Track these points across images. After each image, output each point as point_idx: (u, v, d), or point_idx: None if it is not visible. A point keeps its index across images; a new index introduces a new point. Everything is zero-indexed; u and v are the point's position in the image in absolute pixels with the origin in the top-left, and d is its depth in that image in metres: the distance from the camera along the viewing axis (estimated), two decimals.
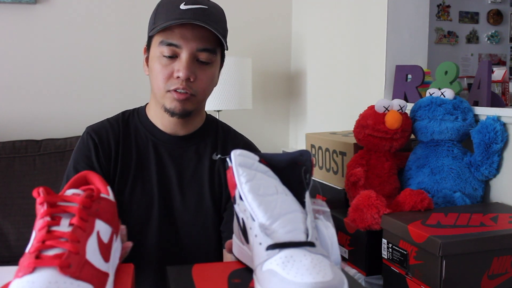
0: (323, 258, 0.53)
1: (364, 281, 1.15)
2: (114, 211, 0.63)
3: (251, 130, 1.67)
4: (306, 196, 0.62)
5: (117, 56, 2.43)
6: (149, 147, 1.10)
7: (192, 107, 1.06)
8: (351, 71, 2.06)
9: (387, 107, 1.25)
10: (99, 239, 0.56)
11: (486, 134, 1.18)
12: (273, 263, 0.53)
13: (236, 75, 2.26)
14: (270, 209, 0.57)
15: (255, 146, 1.20)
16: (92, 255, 0.53)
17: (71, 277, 0.49)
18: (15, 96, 2.30)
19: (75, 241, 0.52)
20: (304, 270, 0.50)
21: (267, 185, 0.60)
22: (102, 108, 2.38)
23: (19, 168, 2.02)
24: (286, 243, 0.54)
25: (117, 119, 1.13)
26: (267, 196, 0.58)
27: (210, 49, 1.03)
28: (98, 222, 0.57)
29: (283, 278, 0.50)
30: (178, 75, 1.01)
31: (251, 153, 0.63)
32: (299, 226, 0.56)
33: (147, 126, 1.12)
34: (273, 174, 0.62)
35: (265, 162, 0.63)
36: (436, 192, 1.20)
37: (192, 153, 1.12)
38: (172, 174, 1.09)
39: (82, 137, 1.10)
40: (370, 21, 1.88)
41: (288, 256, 0.53)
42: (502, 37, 4.45)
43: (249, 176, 0.60)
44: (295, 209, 0.58)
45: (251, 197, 0.59)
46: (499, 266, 0.92)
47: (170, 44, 1.01)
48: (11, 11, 2.26)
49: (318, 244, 0.56)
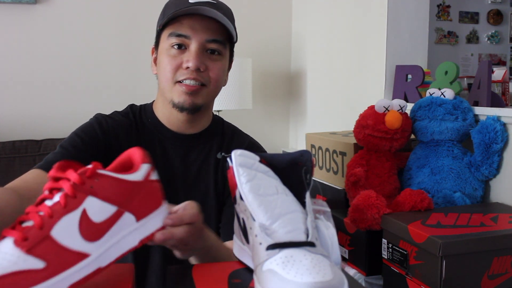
0: (323, 258, 0.53)
1: (364, 281, 1.15)
2: (124, 190, 0.59)
3: (251, 130, 1.66)
4: (307, 196, 0.62)
5: (117, 56, 2.43)
6: (155, 144, 1.09)
7: (202, 101, 1.04)
8: (351, 71, 2.06)
9: (387, 107, 1.25)
10: (84, 217, 0.54)
11: (486, 134, 1.18)
12: (273, 263, 0.53)
13: (236, 75, 2.26)
14: (271, 209, 0.57)
15: (261, 146, 1.19)
16: (63, 232, 0.53)
17: (21, 250, 0.51)
18: (15, 96, 2.30)
19: (47, 216, 0.53)
20: (304, 270, 0.50)
21: (267, 185, 0.60)
22: (102, 108, 2.37)
23: (19, 168, 2.02)
24: (286, 243, 0.54)
25: (126, 112, 1.12)
26: (267, 196, 0.59)
27: (219, 40, 1.02)
28: (90, 199, 0.55)
29: (283, 278, 0.50)
30: (188, 65, 1.00)
31: (251, 153, 0.63)
32: (299, 226, 0.56)
33: (154, 123, 1.11)
34: (273, 174, 0.62)
35: (266, 162, 0.63)
36: (436, 192, 1.20)
37: (199, 153, 1.11)
38: (178, 172, 1.09)
39: (90, 120, 1.07)
40: (370, 21, 1.88)
41: (288, 256, 0.53)
42: (502, 37, 4.45)
43: (249, 176, 0.60)
44: (295, 209, 0.58)
45: (251, 197, 0.59)
46: (499, 266, 0.92)
47: (179, 35, 1.01)
48: (11, 11, 2.26)
49: (318, 244, 0.56)
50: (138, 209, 0.60)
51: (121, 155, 0.66)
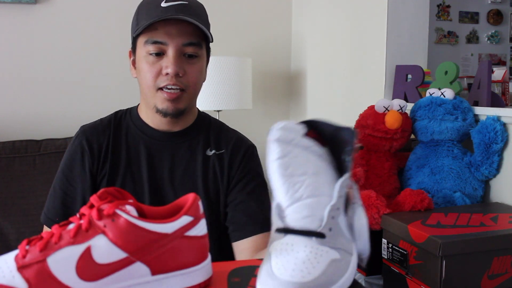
0: (327, 251, 0.52)
1: (364, 281, 1.15)
2: (140, 238, 0.53)
3: (251, 130, 1.67)
4: (339, 180, 0.57)
5: (117, 56, 2.43)
6: (140, 146, 1.11)
7: (184, 105, 1.06)
8: (351, 71, 2.06)
9: (387, 107, 1.25)
10: (86, 254, 0.51)
11: (486, 134, 1.18)
12: (274, 246, 0.53)
13: (236, 75, 2.26)
14: (292, 190, 0.55)
15: (249, 141, 1.20)
16: (59, 262, 0.51)
17: (16, 265, 0.50)
18: (15, 96, 2.29)
19: (54, 240, 0.52)
20: (291, 264, 0.50)
21: (300, 163, 0.55)
22: (102, 108, 2.37)
23: (19, 168, 2.01)
24: (293, 229, 0.53)
25: (110, 119, 1.15)
26: (294, 177, 0.55)
27: (195, 42, 1.04)
28: (99, 238, 0.52)
29: (269, 267, 0.51)
30: (167, 72, 1.02)
31: (296, 125, 0.58)
32: (316, 213, 0.54)
33: (139, 125, 1.13)
34: (317, 149, 0.57)
35: (313, 135, 0.58)
36: (436, 192, 1.20)
37: (185, 149, 1.12)
38: (164, 171, 1.10)
39: (73, 139, 1.13)
40: (370, 21, 1.88)
41: (289, 244, 0.52)
42: (502, 37, 4.45)
43: (282, 152, 0.56)
44: (320, 193, 0.55)
45: (276, 176, 0.56)
46: (499, 266, 0.92)
47: (155, 42, 1.02)
48: (11, 11, 2.26)
49: (332, 235, 0.53)
50: (156, 263, 0.54)
51: (180, 198, 0.60)
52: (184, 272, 0.56)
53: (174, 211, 0.59)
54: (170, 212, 0.59)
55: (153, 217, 0.58)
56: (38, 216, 1.17)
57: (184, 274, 0.56)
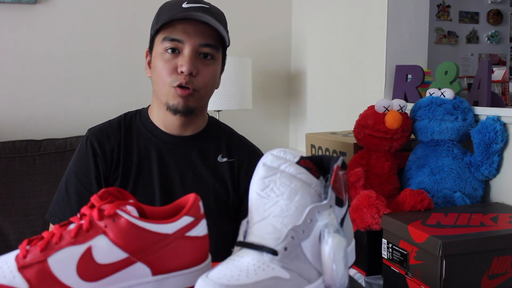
0: (273, 268, 0.50)
1: (364, 281, 1.15)
2: (141, 239, 0.53)
3: (251, 130, 1.67)
4: (314, 204, 0.55)
5: (117, 56, 2.43)
6: (151, 149, 1.10)
7: (194, 104, 1.06)
8: (351, 71, 2.06)
9: (387, 107, 1.25)
10: (87, 254, 0.52)
11: (486, 134, 1.18)
12: (230, 257, 0.53)
13: (236, 75, 2.26)
14: (263, 209, 0.55)
15: (259, 149, 1.20)
16: (59, 262, 0.51)
17: (17, 265, 0.50)
18: (15, 96, 2.29)
19: (55, 240, 0.52)
20: (227, 270, 0.50)
21: (278, 186, 0.56)
22: (102, 108, 2.38)
23: (19, 168, 2.02)
24: (248, 243, 0.54)
25: (119, 121, 1.13)
26: (268, 198, 0.56)
27: (212, 44, 1.05)
28: (100, 238, 0.52)
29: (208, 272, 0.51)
30: (182, 70, 1.02)
31: (293, 152, 0.58)
32: (278, 232, 0.53)
33: (150, 127, 1.12)
34: (306, 177, 0.56)
35: (306, 163, 0.57)
36: (436, 192, 1.20)
37: (196, 154, 1.12)
38: (175, 175, 1.09)
39: (82, 143, 1.11)
40: (370, 21, 1.88)
41: (240, 255, 0.52)
42: (502, 37, 4.45)
43: (265, 174, 0.56)
44: (289, 214, 0.54)
45: (252, 194, 0.57)
46: (499, 266, 0.92)
47: (173, 39, 1.03)
48: (11, 11, 2.26)
49: (286, 255, 0.52)
50: (156, 263, 0.54)
51: (181, 199, 0.60)
52: (185, 273, 0.56)
53: (175, 211, 0.59)
54: (170, 212, 0.59)
55: (154, 218, 0.58)
56: (38, 216, 1.16)
57: (185, 274, 0.56)
